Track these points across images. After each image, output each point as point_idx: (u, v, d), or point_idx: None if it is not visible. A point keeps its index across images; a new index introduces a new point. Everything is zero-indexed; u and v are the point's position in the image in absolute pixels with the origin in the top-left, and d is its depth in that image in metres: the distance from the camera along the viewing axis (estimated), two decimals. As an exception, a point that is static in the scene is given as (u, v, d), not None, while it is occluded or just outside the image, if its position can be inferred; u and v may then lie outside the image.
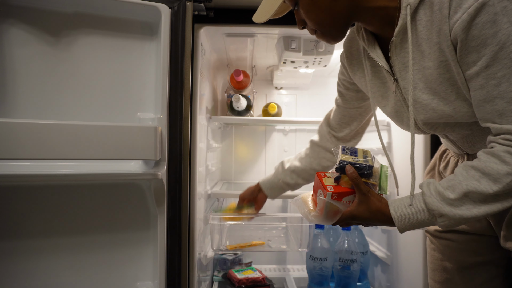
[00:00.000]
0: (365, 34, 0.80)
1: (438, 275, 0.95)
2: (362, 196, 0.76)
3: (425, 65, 0.71)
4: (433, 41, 0.68)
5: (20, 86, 0.95)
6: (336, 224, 0.80)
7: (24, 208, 0.98)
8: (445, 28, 0.64)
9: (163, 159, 0.99)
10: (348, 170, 0.77)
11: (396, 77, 0.77)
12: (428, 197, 0.69)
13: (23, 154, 0.80)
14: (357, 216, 0.76)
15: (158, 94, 1.01)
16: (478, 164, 0.65)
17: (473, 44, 0.62)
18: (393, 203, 0.74)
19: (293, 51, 1.31)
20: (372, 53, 0.78)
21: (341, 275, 1.46)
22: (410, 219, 0.71)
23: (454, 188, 0.66)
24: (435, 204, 0.68)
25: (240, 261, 1.75)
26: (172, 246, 1.03)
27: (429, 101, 0.73)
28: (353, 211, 0.76)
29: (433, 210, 0.68)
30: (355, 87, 0.95)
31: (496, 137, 0.65)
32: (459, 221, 0.67)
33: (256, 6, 0.87)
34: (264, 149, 1.92)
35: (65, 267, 1.01)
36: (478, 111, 0.67)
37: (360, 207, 0.76)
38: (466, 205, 0.65)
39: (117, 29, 1.03)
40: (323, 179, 0.81)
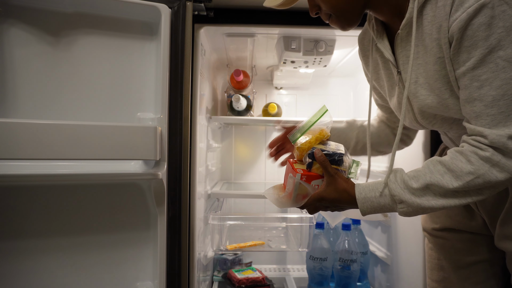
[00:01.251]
0: (375, 25, 0.80)
1: (435, 274, 0.96)
2: (330, 177, 0.77)
3: (427, 60, 0.72)
4: (433, 37, 0.69)
5: (20, 86, 0.95)
6: (304, 207, 0.81)
7: (24, 208, 0.98)
8: (444, 25, 0.65)
9: (163, 159, 0.99)
10: (317, 154, 0.78)
11: (400, 69, 0.78)
12: (393, 183, 0.72)
13: (23, 154, 0.80)
14: (325, 197, 0.77)
15: (158, 94, 1.01)
16: (445, 160, 0.68)
17: (466, 44, 0.63)
18: (359, 185, 0.76)
19: (293, 51, 1.31)
20: (379, 44, 0.79)
21: (341, 275, 1.46)
22: (373, 202, 0.73)
23: (418, 178, 0.69)
24: (397, 190, 0.71)
25: (240, 261, 1.75)
26: (172, 246, 1.03)
27: (426, 96, 0.74)
28: (321, 192, 0.78)
29: (394, 195, 0.71)
30: None
31: (468, 137, 0.67)
32: (417, 210, 0.70)
33: (256, 6, 0.87)
34: (264, 149, 1.92)
35: (65, 267, 1.01)
36: (462, 110, 0.69)
37: (328, 188, 0.77)
38: (426, 196, 0.68)
39: (117, 29, 1.03)
40: (294, 164, 0.83)
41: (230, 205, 1.88)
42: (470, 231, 0.90)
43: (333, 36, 1.31)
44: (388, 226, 1.51)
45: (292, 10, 1.19)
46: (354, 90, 1.94)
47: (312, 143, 0.82)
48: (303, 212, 1.41)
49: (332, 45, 1.33)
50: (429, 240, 0.99)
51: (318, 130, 0.83)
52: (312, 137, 0.83)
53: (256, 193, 1.54)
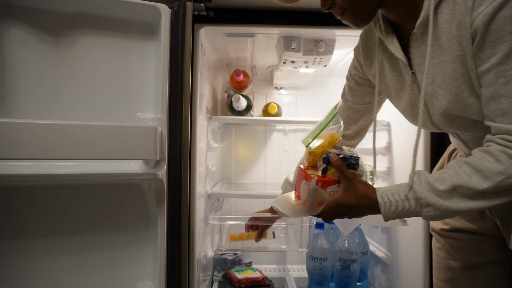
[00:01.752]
0: (383, 25, 0.78)
1: (443, 274, 0.94)
2: (348, 182, 0.75)
3: (443, 59, 0.69)
4: (451, 35, 0.67)
5: (20, 86, 0.95)
6: (319, 215, 0.78)
7: (24, 208, 0.98)
8: (466, 21, 0.63)
9: (163, 159, 0.99)
10: (333, 158, 0.75)
11: (414, 70, 0.76)
12: (418, 185, 0.69)
13: (23, 154, 0.80)
14: (343, 203, 0.74)
15: (158, 94, 1.01)
16: (472, 160, 0.65)
17: (490, 39, 0.61)
18: (381, 189, 0.73)
19: (293, 51, 1.31)
20: (389, 45, 0.77)
21: (341, 275, 1.46)
22: (396, 207, 0.70)
23: (444, 180, 0.66)
24: (423, 193, 0.68)
25: (240, 261, 1.75)
26: (172, 246, 1.03)
27: (443, 96, 0.71)
28: (339, 198, 0.75)
29: (420, 198, 0.68)
30: (368, 82, 0.93)
31: (494, 136, 0.64)
32: (445, 213, 0.67)
33: (256, 6, 0.86)
34: (264, 149, 1.92)
35: (65, 267, 1.01)
36: (484, 108, 0.66)
37: (346, 194, 0.75)
38: (453, 198, 0.65)
39: (117, 29, 1.03)
40: (307, 171, 0.80)
41: (230, 205, 1.88)
42: (480, 232, 0.88)
43: (333, 36, 1.31)
44: (388, 226, 1.51)
45: (292, 10, 1.20)
46: (354, 90, 1.94)
47: (325, 147, 0.79)
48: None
49: (332, 45, 1.33)
50: (437, 240, 0.97)
51: (329, 134, 0.80)
52: (324, 141, 0.80)
53: (256, 193, 1.54)
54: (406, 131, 1.33)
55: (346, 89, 0.99)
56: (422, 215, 0.69)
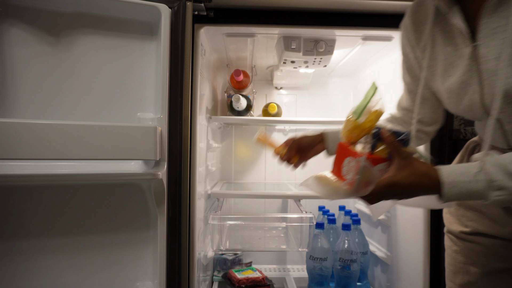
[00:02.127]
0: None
1: (459, 278, 0.89)
2: (403, 160, 0.67)
3: (509, 31, 0.64)
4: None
5: (20, 86, 0.95)
6: (368, 196, 0.68)
7: (24, 208, 0.98)
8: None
9: (163, 159, 0.99)
10: (384, 133, 0.68)
11: (479, 43, 0.70)
12: (491, 166, 0.62)
13: (23, 154, 0.80)
14: (398, 182, 0.67)
15: (158, 94, 1.01)
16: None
17: None
18: (445, 168, 0.66)
19: (293, 51, 1.31)
20: (451, 14, 0.72)
21: (341, 275, 1.46)
22: (461, 188, 0.64)
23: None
24: (498, 175, 0.62)
25: (240, 261, 1.75)
26: (172, 246, 1.03)
27: (509, 74, 0.66)
28: (392, 177, 0.67)
29: (493, 181, 0.62)
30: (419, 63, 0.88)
31: None
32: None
33: (256, 6, 0.86)
34: (264, 149, 1.92)
35: (65, 267, 1.01)
36: None
37: (402, 172, 0.67)
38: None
39: (117, 29, 1.03)
40: (350, 147, 0.71)
41: (230, 205, 1.88)
42: (502, 237, 0.84)
43: (333, 36, 1.31)
44: (388, 226, 1.50)
45: (292, 10, 1.20)
46: (354, 90, 1.94)
47: (373, 122, 0.71)
48: (304, 212, 1.41)
49: (332, 45, 1.33)
50: (455, 243, 0.92)
51: (373, 109, 0.72)
52: (371, 114, 0.71)
53: (256, 193, 1.54)
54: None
55: (406, 78, 0.93)
56: (489, 199, 0.63)
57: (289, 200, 1.84)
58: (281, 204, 1.91)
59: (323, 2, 1.14)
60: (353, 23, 1.20)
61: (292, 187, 1.66)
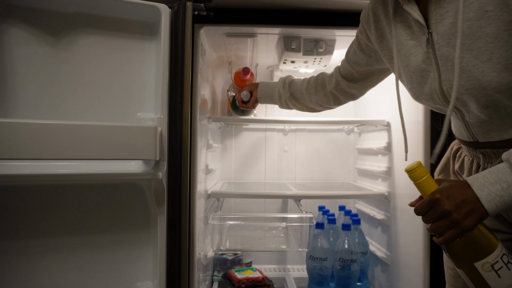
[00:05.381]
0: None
1: (461, 283, 0.88)
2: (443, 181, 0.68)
3: (466, 17, 0.64)
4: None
5: (20, 86, 0.95)
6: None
7: (24, 208, 0.98)
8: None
9: (163, 159, 0.99)
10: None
11: (431, 30, 0.71)
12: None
13: (23, 154, 0.80)
14: (438, 191, 0.65)
15: (158, 94, 1.01)
16: None
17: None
18: (476, 181, 0.63)
19: (293, 51, 1.31)
20: (406, 6, 0.74)
21: (341, 275, 1.46)
22: (502, 197, 0.60)
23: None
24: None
25: (240, 261, 1.75)
26: (172, 246, 1.03)
27: (459, 59, 0.66)
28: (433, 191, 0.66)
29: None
30: (369, 50, 0.94)
31: None
32: None
33: (256, 6, 0.86)
34: (264, 149, 1.92)
35: (65, 267, 1.01)
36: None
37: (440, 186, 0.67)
38: None
39: (117, 29, 1.03)
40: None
41: (230, 205, 1.88)
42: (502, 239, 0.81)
43: (333, 36, 1.31)
44: (388, 226, 1.51)
45: (292, 10, 1.20)
46: (354, 90, 1.94)
47: None
48: (304, 212, 1.41)
49: (332, 45, 1.33)
50: None
51: None
52: None
53: (256, 193, 1.54)
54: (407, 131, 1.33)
55: (351, 51, 1.03)
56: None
57: (289, 200, 1.84)
58: (281, 204, 1.91)
59: (323, 2, 1.14)
60: (353, 23, 1.20)
61: (292, 187, 1.66)
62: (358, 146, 1.89)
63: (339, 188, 1.72)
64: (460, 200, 0.63)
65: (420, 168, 0.67)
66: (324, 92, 1.14)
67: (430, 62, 0.74)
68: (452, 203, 0.63)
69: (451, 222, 0.63)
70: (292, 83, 1.21)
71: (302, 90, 1.18)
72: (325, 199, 1.83)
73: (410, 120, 1.30)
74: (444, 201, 0.64)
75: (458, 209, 0.63)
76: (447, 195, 0.64)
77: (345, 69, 1.08)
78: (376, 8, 0.87)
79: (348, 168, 1.95)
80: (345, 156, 1.95)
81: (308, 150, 1.93)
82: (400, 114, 0.86)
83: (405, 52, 0.79)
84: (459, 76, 0.67)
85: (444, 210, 0.64)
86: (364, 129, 1.81)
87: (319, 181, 1.91)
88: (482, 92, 0.66)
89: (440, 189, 0.66)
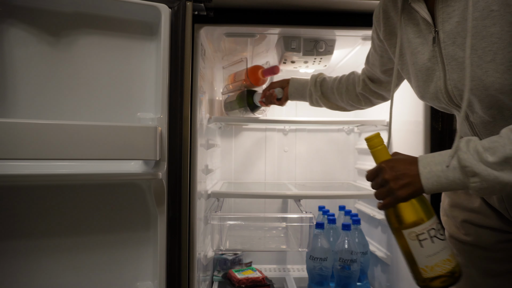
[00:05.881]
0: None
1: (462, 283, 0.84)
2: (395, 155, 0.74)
3: (469, 16, 0.64)
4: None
5: (20, 86, 0.95)
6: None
7: (24, 208, 0.98)
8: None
9: (163, 159, 0.99)
10: None
11: (438, 28, 0.71)
12: (464, 153, 0.61)
13: (23, 154, 0.80)
14: (384, 162, 0.71)
15: (158, 94, 1.01)
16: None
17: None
18: (424, 159, 0.67)
19: (293, 51, 1.31)
20: (414, 4, 0.74)
21: (341, 275, 1.46)
22: (439, 177, 0.64)
23: (495, 150, 0.59)
24: (469, 160, 0.60)
25: (240, 261, 1.75)
26: (172, 246, 1.03)
27: (463, 59, 0.66)
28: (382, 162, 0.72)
29: (466, 167, 0.61)
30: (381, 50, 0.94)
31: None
32: (494, 185, 0.60)
33: (256, 6, 0.86)
34: (264, 149, 1.92)
35: (65, 267, 1.01)
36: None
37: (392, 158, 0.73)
38: (506, 170, 0.58)
39: (117, 29, 1.03)
40: None
41: (230, 205, 1.89)
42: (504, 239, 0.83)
43: (333, 36, 1.31)
44: (388, 226, 1.50)
45: (292, 10, 1.20)
46: (354, 90, 1.94)
47: None
48: (304, 212, 1.42)
49: (332, 45, 1.33)
50: (455, 247, 0.90)
51: None
52: None
53: (256, 193, 1.54)
54: (406, 131, 1.34)
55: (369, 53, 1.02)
56: (469, 187, 0.62)
57: (289, 200, 1.84)
58: (281, 204, 1.91)
59: (323, 2, 1.14)
60: (353, 23, 1.20)
61: (292, 187, 1.66)
62: (358, 146, 1.89)
63: (339, 188, 1.72)
64: (401, 173, 0.68)
65: (378, 139, 0.74)
66: (355, 92, 1.13)
67: (436, 61, 0.73)
68: (392, 174, 0.68)
69: (388, 190, 0.69)
70: (323, 82, 1.20)
71: (334, 89, 1.17)
72: (325, 199, 1.83)
73: (410, 120, 1.30)
74: (386, 170, 0.69)
75: (396, 180, 0.68)
76: (391, 166, 0.69)
77: (368, 71, 1.07)
78: (386, 5, 0.86)
79: (348, 168, 1.95)
80: (345, 156, 1.95)
81: (308, 150, 1.93)
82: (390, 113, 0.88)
83: (412, 50, 0.79)
84: (462, 77, 0.68)
85: (384, 178, 0.69)
86: (364, 129, 1.81)
87: (319, 181, 1.91)
88: (485, 92, 0.66)
89: (389, 160, 0.72)
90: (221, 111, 1.85)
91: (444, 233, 0.70)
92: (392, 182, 0.68)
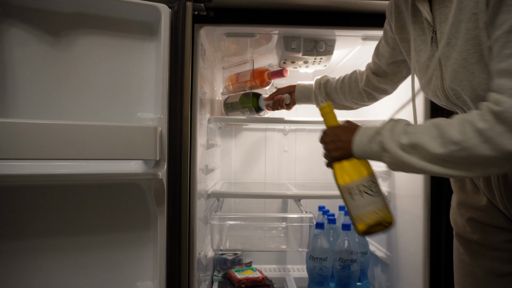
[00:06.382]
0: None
1: (467, 282, 0.88)
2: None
3: (460, 18, 0.66)
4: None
5: (20, 86, 0.95)
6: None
7: (24, 208, 0.98)
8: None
9: (163, 159, 0.99)
10: None
11: (436, 28, 0.74)
12: (387, 130, 0.71)
13: (23, 154, 0.80)
14: (327, 128, 0.83)
15: (158, 94, 1.01)
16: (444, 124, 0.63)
17: (509, 2, 0.55)
18: (362, 129, 0.77)
19: (293, 51, 1.31)
20: (418, 4, 0.76)
21: (341, 275, 1.46)
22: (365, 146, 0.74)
23: (410, 135, 0.67)
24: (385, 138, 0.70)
25: (240, 261, 1.75)
26: (172, 246, 1.03)
27: (455, 60, 0.69)
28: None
29: (382, 142, 0.70)
30: (393, 42, 0.95)
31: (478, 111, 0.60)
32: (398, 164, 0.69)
33: (256, 6, 0.87)
34: (264, 149, 1.92)
35: (65, 267, 1.01)
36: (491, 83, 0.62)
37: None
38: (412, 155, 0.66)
39: (117, 29, 1.03)
40: None
41: (230, 205, 1.89)
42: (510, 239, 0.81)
43: (333, 36, 1.31)
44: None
45: (292, 10, 1.20)
46: (354, 90, 1.94)
47: None
48: (304, 212, 1.42)
49: (332, 45, 1.33)
50: (462, 245, 0.89)
51: None
52: None
53: (256, 193, 1.54)
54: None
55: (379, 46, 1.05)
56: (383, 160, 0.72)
57: (289, 200, 1.84)
58: (281, 204, 1.91)
59: (323, 2, 1.14)
60: (353, 23, 1.20)
61: (292, 187, 1.66)
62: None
63: (339, 188, 1.71)
64: (338, 138, 0.80)
65: (329, 108, 0.87)
66: (358, 89, 1.16)
67: (434, 60, 0.76)
68: (330, 138, 0.82)
69: (326, 151, 0.84)
70: (327, 83, 1.24)
71: (337, 89, 1.20)
72: (325, 199, 1.82)
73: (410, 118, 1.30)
74: (327, 135, 0.83)
75: (332, 143, 0.81)
76: (332, 132, 0.82)
77: (374, 64, 1.09)
78: (398, 0, 0.88)
79: (348, 168, 1.94)
80: (345, 156, 1.94)
81: (308, 150, 1.93)
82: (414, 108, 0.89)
83: (416, 48, 0.82)
84: (454, 77, 0.71)
85: (324, 141, 0.84)
86: (364, 129, 1.80)
87: (319, 181, 1.91)
88: (474, 93, 0.69)
89: (334, 126, 0.83)
90: (221, 111, 1.85)
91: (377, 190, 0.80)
92: (328, 145, 0.82)
